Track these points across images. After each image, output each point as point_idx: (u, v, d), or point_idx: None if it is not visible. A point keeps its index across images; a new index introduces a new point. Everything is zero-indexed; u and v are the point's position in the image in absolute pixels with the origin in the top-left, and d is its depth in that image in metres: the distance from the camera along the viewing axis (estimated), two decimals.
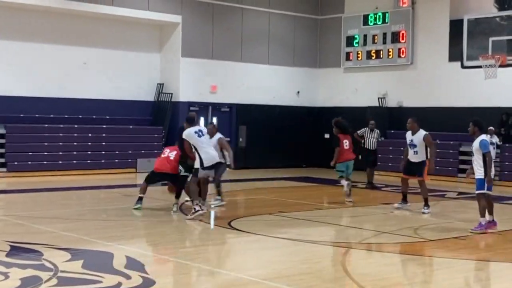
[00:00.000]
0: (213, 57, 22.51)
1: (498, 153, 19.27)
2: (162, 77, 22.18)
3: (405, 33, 22.52)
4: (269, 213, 12.65)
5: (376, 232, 10.87)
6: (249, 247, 9.49)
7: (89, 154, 20.01)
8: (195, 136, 11.51)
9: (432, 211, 13.24)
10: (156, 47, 22.27)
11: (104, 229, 10.66)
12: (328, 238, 10.50)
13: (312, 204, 13.87)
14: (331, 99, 24.66)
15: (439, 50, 21.72)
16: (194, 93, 22.10)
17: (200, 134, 11.61)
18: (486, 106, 20.37)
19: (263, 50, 23.80)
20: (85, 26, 20.66)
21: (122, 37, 21.37)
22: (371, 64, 23.48)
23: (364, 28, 23.58)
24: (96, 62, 20.88)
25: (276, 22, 24.08)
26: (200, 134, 11.61)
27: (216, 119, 22.95)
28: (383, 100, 23.06)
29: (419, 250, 9.67)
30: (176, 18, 21.63)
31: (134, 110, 21.55)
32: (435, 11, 21.90)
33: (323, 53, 25.22)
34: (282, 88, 24.17)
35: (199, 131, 11.67)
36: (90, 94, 20.72)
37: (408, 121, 13.31)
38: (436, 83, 21.87)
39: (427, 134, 13.14)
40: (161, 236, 10.30)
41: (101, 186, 16.95)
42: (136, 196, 12.75)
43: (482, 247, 10.14)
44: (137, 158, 20.73)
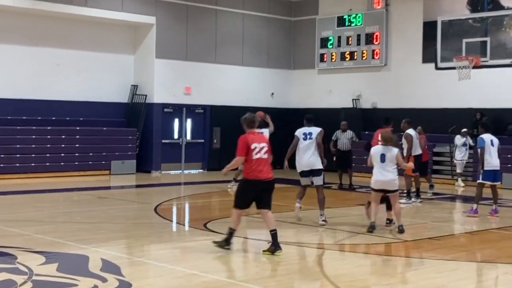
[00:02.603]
0: (188, 59, 22.43)
1: (472, 153, 19.46)
2: (136, 79, 22.04)
3: (379, 35, 22.66)
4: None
5: (351, 233, 10.89)
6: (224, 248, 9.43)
7: (62, 156, 19.80)
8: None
9: (407, 212, 13.31)
10: (130, 49, 22.11)
11: (79, 232, 10.54)
12: (304, 239, 10.49)
13: (287, 206, 13.86)
14: (306, 101, 24.71)
15: (413, 52, 21.89)
16: (168, 94, 21.99)
17: None
18: (460, 107, 20.59)
19: (237, 52, 23.78)
20: (58, 27, 20.44)
21: (95, 38, 21.18)
22: (345, 66, 23.57)
23: (338, 30, 23.67)
24: (69, 63, 20.66)
25: (250, 24, 24.08)
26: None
27: (190, 121, 22.88)
28: (357, 101, 23.18)
29: (395, 251, 9.72)
30: (150, 19, 21.51)
31: (107, 112, 21.36)
32: (408, 13, 22.07)
33: (297, 54, 25.27)
34: (257, 90, 24.17)
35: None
36: (63, 95, 20.50)
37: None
38: (410, 85, 22.04)
39: (406, 133, 14.53)
40: (137, 239, 10.21)
41: (75, 189, 16.77)
42: (108, 198, 12.61)
43: (457, 247, 10.22)
44: (111, 160, 20.58)
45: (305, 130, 11.72)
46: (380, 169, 10.66)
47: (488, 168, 12.65)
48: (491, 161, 12.66)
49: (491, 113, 19.96)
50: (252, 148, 8.72)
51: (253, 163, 8.73)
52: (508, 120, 19.59)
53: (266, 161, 8.85)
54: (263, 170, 8.75)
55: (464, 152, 19.23)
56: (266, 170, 8.79)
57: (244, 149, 8.74)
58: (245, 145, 8.75)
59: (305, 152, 11.59)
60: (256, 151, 8.73)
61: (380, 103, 22.77)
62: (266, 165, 8.81)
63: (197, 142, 22.79)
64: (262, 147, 8.80)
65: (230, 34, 23.50)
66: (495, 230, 11.57)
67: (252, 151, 8.71)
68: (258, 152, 8.74)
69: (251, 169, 8.75)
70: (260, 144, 8.81)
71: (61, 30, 20.52)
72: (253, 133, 8.97)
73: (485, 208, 13.36)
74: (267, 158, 8.85)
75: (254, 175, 8.76)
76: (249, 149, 8.72)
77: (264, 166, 8.78)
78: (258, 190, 8.84)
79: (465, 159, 19.31)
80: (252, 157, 8.71)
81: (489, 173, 12.68)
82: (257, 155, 8.72)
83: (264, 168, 8.78)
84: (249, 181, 8.86)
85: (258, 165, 8.74)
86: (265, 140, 9.00)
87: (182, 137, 22.61)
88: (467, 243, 10.66)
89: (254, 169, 8.74)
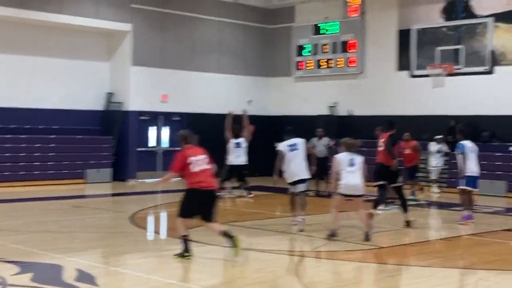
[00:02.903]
0: (164, 66, 22.36)
1: (447, 160, 19.64)
2: (112, 86, 21.91)
3: (355, 43, 22.80)
4: (222, 222, 12.55)
5: (328, 240, 10.90)
6: (201, 257, 9.40)
7: (36, 165, 19.59)
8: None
9: (382, 218, 13.37)
10: (105, 56, 21.99)
11: (54, 241, 10.43)
12: (281, 247, 10.48)
13: (264, 213, 13.86)
14: (282, 108, 24.76)
15: (388, 60, 22.06)
16: (144, 102, 21.88)
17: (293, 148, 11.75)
18: (434, 114, 20.77)
19: (214, 59, 23.77)
20: (32, 35, 20.25)
21: (70, 45, 21.02)
22: (321, 73, 23.67)
23: (314, 38, 23.78)
24: (43, 71, 20.48)
25: (227, 31, 24.09)
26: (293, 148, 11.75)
27: (166, 129, 22.79)
28: (334, 108, 23.27)
29: (371, 258, 9.75)
30: (126, 26, 21.41)
31: (82, 120, 21.20)
32: (384, 21, 22.24)
33: (274, 62, 25.33)
34: (234, 97, 24.14)
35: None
36: (37, 103, 20.30)
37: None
38: (385, 92, 22.19)
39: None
40: (113, 248, 10.12)
41: (50, 198, 16.60)
42: (84, 207, 12.51)
43: (432, 253, 10.28)
44: (86, 169, 20.41)
45: (289, 142, 11.99)
46: (350, 174, 10.75)
47: (469, 174, 12.70)
48: (472, 167, 12.72)
49: (465, 120, 20.14)
50: (189, 162, 8.97)
51: (193, 175, 8.97)
52: (482, 127, 19.79)
53: (207, 172, 9.09)
54: (204, 181, 9.01)
55: (439, 159, 19.38)
56: (207, 181, 9.05)
57: (179, 164, 9.03)
58: (179, 161, 9.04)
59: (295, 163, 11.83)
60: (196, 165, 9.00)
61: (356, 110, 22.89)
62: (207, 176, 9.07)
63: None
64: (201, 159, 9.09)
65: (207, 42, 23.48)
66: (470, 236, 11.67)
67: (190, 164, 8.97)
68: (197, 164, 9.00)
69: (192, 180, 9.00)
70: (198, 157, 9.08)
71: (36, 37, 20.34)
72: (189, 148, 9.22)
73: (456, 214, 13.47)
74: (208, 169, 9.11)
75: (195, 185, 8.99)
76: (185, 164, 8.98)
77: (205, 177, 9.04)
78: (201, 199, 9.07)
79: (440, 166, 19.46)
80: (191, 170, 8.96)
81: (470, 179, 12.74)
82: (197, 168, 8.99)
83: (205, 178, 9.04)
84: (191, 190, 9.07)
85: (199, 177, 8.98)
86: (203, 153, 9.23)
87: (158, 145, 22.51)
88: (442, 249, 10.74)
89: (195, 180, 8.98)
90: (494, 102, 19.76)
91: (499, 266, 9.18)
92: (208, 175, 9.11)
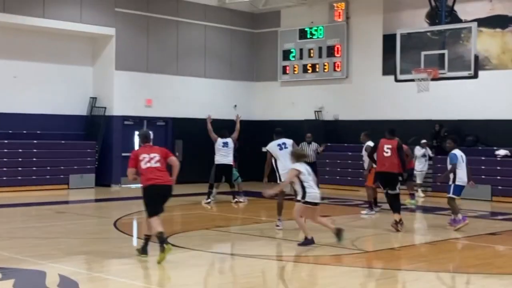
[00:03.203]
0: (148, 70, 22.26)
1: (431, 164, 19.70)
2: (95, 91, 21.76)
3: (340, 47, 22.84)
4: (206, 228, 12.50)
5: (314, 245, 10.85)
6: (187, 263, 9.32)
7: (19, 170, 19.39)
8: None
9: (368, 222, 13.36)
10: (89, 60, 21.84)
11: (36, 247, 10.30)
12: (267, 252, 10.42)
13: (250, 218, 13.80)
14: (268, 112, 24.73)
15: (373, 64, 22.12)
16: (128, 107, 21.76)
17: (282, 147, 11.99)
18: (419, 118, 20.84)
19: (200, 63, 23.70)
20: (15, 39, 20.08)
21: (53, 50, 20.86)
22: (307, 78, 23.69)
23: (300, 42, 23.80)
24: (27, 75, 20.30)
25: (213, 36, 24.04)
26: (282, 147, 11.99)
27: (151, 134, 22.64)
28: (319, 113, 23.28)
29: (356, 262, 9.71)
30: (109, 30, 21.29)
31: (66, 125, 21.03)
32: (368, 26, 22.31)
33: (260, 66, 25.32)
34: (219, 102, 24.09)
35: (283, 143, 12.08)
36: (20, 108, 20.11)
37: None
38: (370, 96, 22.24)
39: (367, 145, 14.63)
40: (96, 254, 10.00)
41: (33, 203, 16.43)
42: (67, 213, 12.38)
43: (417, 257, 10.26)
44: (69, 174, 20.24)
45: (278, 142, 12.17)
46: (313, 183, 10.78)
47: (459, 183, 12.69)
48: (462, 176, 12.70)
49: (449, 124, 20.26)
50: (141, 159, 9.44)
51: (144, 171, 9.44)
52: (466, 131, 19.88)
53: (158, 169, 9.45)
54: (153, 177, 9.39)
55: (424, 163, 19.44)
56: (157, 176, 9.41)
57: (132, 161, 9.53)
58: (133, 157, 9.56)
59: (285, 160, 11.73)
60: (145, 161, 9.44)
61: (341, 115, 22.91)
62: (158, 172, 9.43)
63: None
64: (152, 157, 9.49)
65: (192, 46, 23.41)
66: (455, 240, 11.68)
67: (141, 161, 9.43)
68: (147, 161, 9.44)
69: (144, 177, 9.45)
70: (149, 155, 9.51)
71: (19, 41, 20.17)
72: (144, 147, 9.73)
73: (441, 218, 13.48)
74: (159, 167, 9.48)
75: (147, 182, 9.43)
76: (137, 160, 9.46)
77: (156, 173, 9.41)
78: (156, 193, 9.45)
79: (425, 170, 19.52)
80: (142, 166, 9.43)
81: (460, 188, 12.75)
82: (147, 165, 9.43)
83: (156, 175, 9.41)
84: (145, 187, 9.49)
85: (149, 173, 9.40)
86: (156, 151, 9.61)
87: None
88: (428, 253, 10.73)
89: (146, 177, 9.43)
90: (478, 107, 19.87)
91: (484, 270, 9.18)
92: (159, 172, 9.45)
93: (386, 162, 12.44)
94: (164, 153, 9.63)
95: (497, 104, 19.59)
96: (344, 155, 21.39)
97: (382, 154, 12.57)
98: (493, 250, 11.06)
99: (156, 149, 9.73)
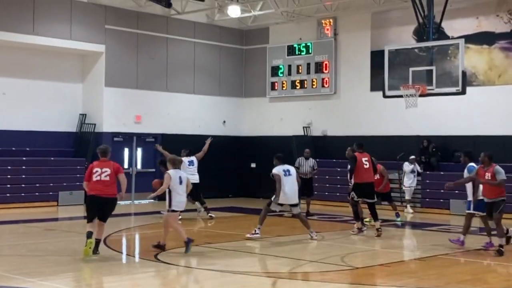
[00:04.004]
0: (138, 87, 22.28)
1: (420, 180, 19.79)
2: (85, 107, 21.75)
3: (328, 63, 22.97)
4: (196, 244, 12.47)
5: (304, 261, 10.87)
6: (177, 280, 9.31)
7: (8, 187, 19.30)
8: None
9: (357, 239, 13.39)
10: (78, 77, 21.85)
11: (25, 265, 10.25)
12: (257, 269, 10.42)
13: (240, 235, 13.78)
14: (257, 128, 24.80)
15: (361, 80, 22.25)
16: (118, 123, 21.75)
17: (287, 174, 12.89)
18: (407, 134, 20.94)
19: (189, 80, 23.76)
20: (4, 56, 20.06)
21: (43, 66, 20.85)
22: (295, 94, 23.78)
23: (289, 58, 23.92)
24: (16, 92, 20.27)
25: (202, 52, 24.12)
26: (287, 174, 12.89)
27: (140, 150, 22.66)
28: (308, 129, 23.36)
29: (346, 278, 9.73)
30: (99, 47, 21.32)
31: (55, 142, 20.97)
32: (356, 42, 22.47)
33: (248, 82, 25.41)
34: (208, 118, 24.14)
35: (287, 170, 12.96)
36: (9, 125, 20.04)
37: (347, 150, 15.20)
38: (358, 112, 22.35)
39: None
40: (84, 272, 9.97)
41: (21, 220, 16.34)
42: (56, 230, 12.32)
43: (406, 273, 10.29)
44: (58, 191, 20.15)
45: (283, 168, 13.08)
46: (182, 190, 11.57)
47: (480, 197, 11.98)
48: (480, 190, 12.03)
49: (437, 140, 20.39)
50: (94, 172, 10.80)
51: (93, 183, 10.81)
52: (454, 147, 19.98)
53: (105, 182, 10.77)
54: (100, 189, 10.74)
55: (413, 179, 19.54)
56: (102, 189, 10.75)
57: (87, 174, 10.93)
58: (88, 171, 10.96)
59: (289, 187, 12.95)
60: (96, 175, 10.79)
61: (330, 130, 23.00)
62: (104, 185, 10.76)
63: (148, 171, 22.50)
64: (103, 171, 10.80)
65: (181, 62, 23.47)
66: (444, 256, 11.71)
67: (93, 174, 10.79)
68: (98, 175, 10.78)
69: (91, 188, 10.82)
70: (102, 169, 10.84)
71: (7, 58, 20.15)
72: (100, 161, 11.00)
73: (434, 234, 13.51)
74: (107, 180, 10.78)
75: (92, 192, 10.83)
76: (91, 173, 10.83)
77: (102, 186, 10.75)
78: (97, 204, 10.82)
79: (414, 186, 19.61)
80: (93, 179, 10.80)
81: (481, 202, 11.96)
82: (97, 177, 10.78)
83: (102, 187, 10.75)
84: (89, 196, 10.99)
85: (97, 185, 10.76)
86: (109, 166, 10.88)
87: (132, 167, 22.34)
88: (417, 269, 10.76)
89: (93, 188, 10.80)
90: (466, 122, 20.00)
91: (473, 285, 9.22)
92: (105, 185, 10.75)
93: (367, 173, 13.93)
94: (116, 169, 10.90)
95: (485, 120, 19.73)
96: (332, 171, 21.45)
97: (362, 166, 13.85)
98: (483, 265, 11.10)
99: (107, 164, 10.92)
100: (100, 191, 10.75)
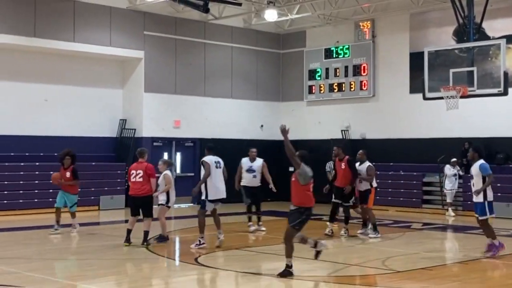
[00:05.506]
0: (176, 92, 22.46)
1: (461, 183, 19.51)
2: (125, 113, 22.01)
3: (366, 66, 22.83)
4: (236, 248, 12.50)
5: (344, 264, 10.80)
6: (218, 283, 9.34)
7: (50, 192, 19.56)
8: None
9: (398, 242, 13.24)
10: (118, 83, 22.13)
11: (68, 269, 10.40)
12: (298, 272, 10.37)
13: (278, 238, 13.74)
14: (295, 132, 24.56)
15: (400, 82, 22.05)
16: (157, 128, 21.96)
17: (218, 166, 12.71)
18: (448, 136, 20.68)
19: (227, 84, 23.86)
20: (46, 63, 20.43)
21: (84, 73, 21.18)
22: (333, 97, 23.69)
23: (326, 62, 23.84)
24: (57, 98, 20.62)
25: (239, 57, 24.21)
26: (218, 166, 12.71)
27: (180, 154, 22.81)
28: (346, 132, 23.23)
29: (388, 282, 9.63)
30: (138, 53, 21.57)
31: (96, 147, 21.26)
32: (395, 44, 22.28)
33: (286, 86, 25.40)
34: (246, 122, 24.20)
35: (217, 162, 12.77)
36: (51, 131, 20.40)
37: (358, 153, 15.06)
38: (398, 115, 22.14)
39: (369, 166, 14.60)
40: (126, 275, 10.07)
41: (64, 225, 16.56)
42: (98, 234, 12.48)
43: (449, 277, 10.14)
44: (100, 196, 20.42)
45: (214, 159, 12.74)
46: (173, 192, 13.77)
47: (491, 199, 11.48)
48: (491, 192, 11.54)
49: (479, 142, 19.98)
50: (131, 174, 12.47)
51: (131, 184, 12.52)
52: (496, 148, 19.66)
53: (137, 183, 12.35)
54: (135, 189, 12.41)
55: (454, 182, 19.27)
56: (135, 189, 12.42)
57: (128, 176, 12.65)
58: (128, 173, 12.72)
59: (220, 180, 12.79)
60: (132, 176, 12.42)
61: (368, 133, 22.84)
62: (138, 186, 12.34)
63: (187, 175, 22.66)
64: (137, 173, 12.33)
65: (219, 67, 23.59)
66: (487, 259, 11.51)
67: (130, 176, 12.46)
68: (134, 176, 12.39)
69: (130, 188, 12.59)
70: (136, 171, 12.38)
71: (50, 65, 20.52)
72: (137, 163, 12.58)
73: (475, 237, 13.27)
74: (139, 181, 12.32)
75: (130, 192, 12.63)
76: (130, 175, 12.50)
77: (136, 186, 12.36)
78: (134, 202, 12.57)
79: (455, 189, 19.33)
80: (130, 179, 12.49)
81: (492, 205, 11.49)
82: (133, 179, 12.42)
83: (134, 187, 12.41)
84: (129, 196, 12.88)
85: (133, 186, 12.42)
86: (142, 168, 12.32)
87: (171, 171, 22.44)
88: (460, 273, 10.60)
89: (130, 188, 12.55)
90: (509, 124, 19.66)
91: None
92: (137, 185, 12.33)
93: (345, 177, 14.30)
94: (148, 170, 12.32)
95: None
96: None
97: (340, 169, 14.39)
98: None
99: (141, 166, 12.35)
100: (135, 191, 12.38)
